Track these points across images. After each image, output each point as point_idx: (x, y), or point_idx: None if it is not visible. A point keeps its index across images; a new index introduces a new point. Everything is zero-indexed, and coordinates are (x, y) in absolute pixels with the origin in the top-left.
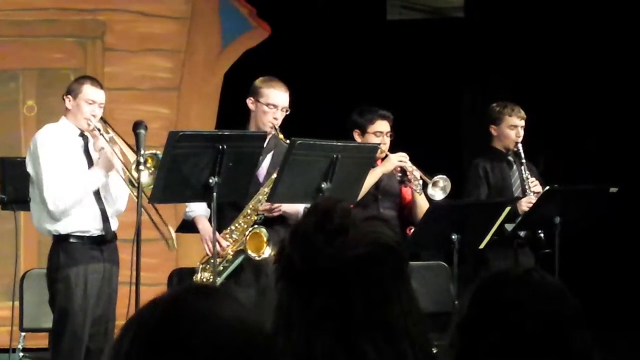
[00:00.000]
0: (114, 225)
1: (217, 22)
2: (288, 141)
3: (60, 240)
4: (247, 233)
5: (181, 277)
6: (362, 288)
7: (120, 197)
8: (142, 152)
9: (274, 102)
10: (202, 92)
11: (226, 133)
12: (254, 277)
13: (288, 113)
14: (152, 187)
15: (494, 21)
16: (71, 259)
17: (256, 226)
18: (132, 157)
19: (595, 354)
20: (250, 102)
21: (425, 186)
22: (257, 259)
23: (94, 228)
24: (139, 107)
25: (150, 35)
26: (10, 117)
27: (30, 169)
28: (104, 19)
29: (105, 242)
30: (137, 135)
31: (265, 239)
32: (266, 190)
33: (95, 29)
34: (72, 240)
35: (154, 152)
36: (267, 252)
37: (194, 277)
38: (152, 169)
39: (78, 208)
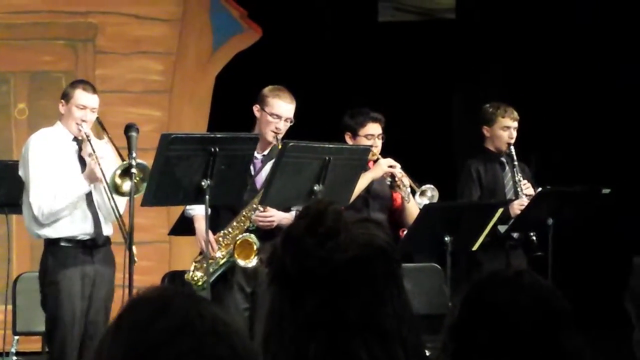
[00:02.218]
0: (107, 230)
1: (208, 24)
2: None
3: (50, 244)
4: (237, 239)
5: (174, 279)
6: (354, 290)
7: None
8: (134, 154)
9: (277, 112)
10: (193, 94)
11: (218, 135)
12: (244, 280)
13: (292, 124)
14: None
15: (485, 22)
16: (60, 263)
17: (247, 233)
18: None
19: (586, 355)
20: (256, 109)
21: (413, 193)
22: (245, 266)
23: (85, 232)
24: (130, 110)
25: (142, 37)
26: (2, 120)
27: (20, 172)
28: (95, 21)
29: (96, 246)
30: (128, 138)
31: (255, 248)
32: (260, 197)
33: (86, 31)
34: (62, 244)
35: (143, 162)
36: (255, 260)
37: (186, 275)
38: (137, 179)
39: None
